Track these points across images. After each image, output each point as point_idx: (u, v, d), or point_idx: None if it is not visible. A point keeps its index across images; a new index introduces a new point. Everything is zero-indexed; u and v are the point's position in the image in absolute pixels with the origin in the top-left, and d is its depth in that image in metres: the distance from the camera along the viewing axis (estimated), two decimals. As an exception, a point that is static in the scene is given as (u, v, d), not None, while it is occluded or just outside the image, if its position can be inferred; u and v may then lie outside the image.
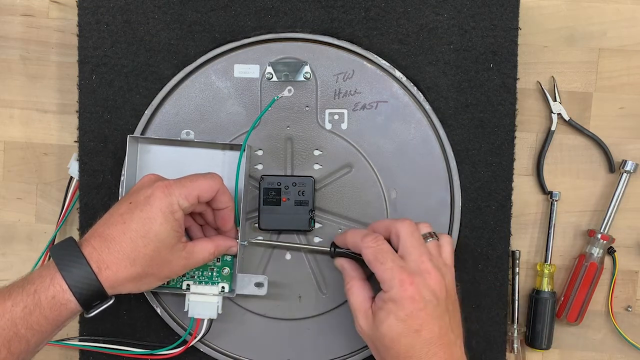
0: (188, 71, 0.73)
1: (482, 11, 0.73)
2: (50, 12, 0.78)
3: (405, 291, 0.61)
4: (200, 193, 0.64)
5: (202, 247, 0.66)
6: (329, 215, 0.73)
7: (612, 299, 0.76)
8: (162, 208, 0.61)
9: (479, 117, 0.73)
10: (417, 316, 0.60)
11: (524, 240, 0.77)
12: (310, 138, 0.73)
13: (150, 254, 0.61)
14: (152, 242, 0.61)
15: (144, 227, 0.61)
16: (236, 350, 0.74)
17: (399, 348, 0.61)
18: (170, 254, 0.63)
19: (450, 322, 0.62)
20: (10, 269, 0.79)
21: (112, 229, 0.61)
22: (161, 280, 0.64)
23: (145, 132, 0.73)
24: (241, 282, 0.71)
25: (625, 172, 0.75)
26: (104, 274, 0.60)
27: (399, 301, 0.61)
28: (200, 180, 0.64)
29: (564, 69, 0.77)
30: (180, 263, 0.64)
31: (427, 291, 0.61)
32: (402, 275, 0.61)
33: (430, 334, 0.60)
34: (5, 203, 0.79)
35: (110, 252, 0.60)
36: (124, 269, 0.60)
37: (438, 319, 0.61)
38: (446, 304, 0.63)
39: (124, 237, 0.60)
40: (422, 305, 0.61)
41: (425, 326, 0.60)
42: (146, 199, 0.62)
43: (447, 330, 0.62)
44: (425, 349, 0.60)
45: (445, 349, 0.61)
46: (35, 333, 0.59)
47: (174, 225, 0.62)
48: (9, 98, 0.79)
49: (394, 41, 0.73)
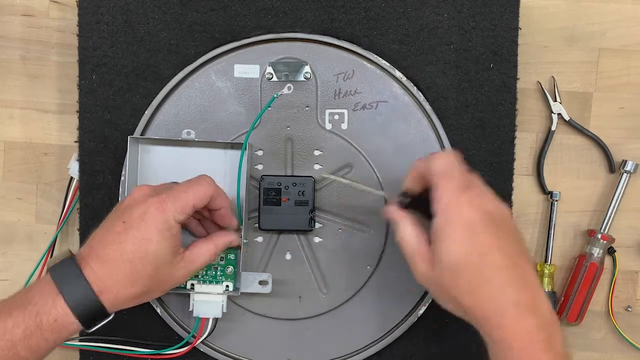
0: (188, 71, 0.73)
1: (482, 11, 0.73)
2: (50, 12, 0.78)
3: (464, 213, 0.57)
4: (196, 202, 0.63)
5: (200, 252, 0.65)
6: (329, 215, 0.73)
7: (612, 299, 0.76)
8: (157, 226, 0.60)
9: (479, 117, 0.73)
10: (478, 239, 0.56)
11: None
12: (310, 138, 0.73)
13: (150, 273, 0.60)
14: (151, 262, 0.60)
15: (141, 248, 0.60)
16: (236, 350, 0.74)
17: (467, 276, 0.56)
18: (170, 268, 0.62)
19: (518, 247, 0.58)
20: (10, 269, 0.79)
21: (109, 250, 0.60)
22: (164, 292, 0.64)
23: (145, 132, 0.73)
24: (245, 280, 0.71)
25: (625, 172, 0.75)
26: (105, 296, 0.59)
27: (458, 224, 0.57)
28: (193, 188, 0.63)
29: (564, 69, 0.77)
30: (180, 274, 0.63)
31: (485, 212, 0.57)
32: (461, 197, 0.57)
33: (497, 257, 0.56)
34: (5, 203, 0.79)
35: (110, 275, 0.59)
36: (125, 290, 0.60)
37: (503, 243, 0.57)
38: (508, 227, 0.58)
39: (122, 259, 0.59)
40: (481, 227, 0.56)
41: (490, 249, 0.56)
42: (141, 216, 0.60)
43: (517, 255, 0.57)
44: (497, 274, 0.56)
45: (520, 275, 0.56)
46: (34, 353, 0.58)
47: (171, 242, 0.61)
48: (9, 98, 0.79)
49: (394, 41, 0.73)
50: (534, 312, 0.55)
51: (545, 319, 0.56)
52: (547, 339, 0.55)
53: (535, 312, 0.55)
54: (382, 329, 0.73)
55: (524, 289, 0.56)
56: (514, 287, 0.56)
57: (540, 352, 0.54)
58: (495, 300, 0.56)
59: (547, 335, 0.55)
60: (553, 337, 0.55)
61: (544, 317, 0.56)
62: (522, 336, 0.55)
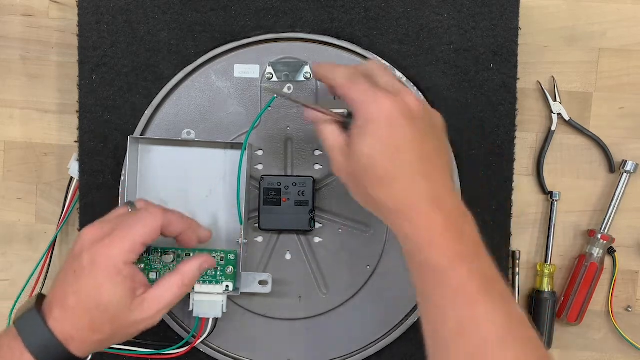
0: (188, 71, 0.73)
1: (482, 11, 0.73)
2: (50, 12, 0.78)
3: (380, 106, 0.55)
4: (144, 239, 0.60)
5: (166, 287, 0.61)
6: (329, 215, 0.73)
7: (612, 299, 0.76)
8: (107, 274, 0.58)
9: (479, 117, 0.73)
10: (394, 132, 0.55)
11: (524, 240, 0.77)
12: (310, 138, 0.73)
13: (110, 319, 0.58)
14: (107, 310, 0.58)
15: (95, 297, 0.57)
16: (236, 350, 0.74)
17: (378, 169, 0.55)
18: (129, 313, 0.59)
19: (436, 145, 0.57)
20: (10, 269, 0.79)
21: (69, 298, 0.58)
22: (132, 335, 0.61)
23: (145, 132, 0.73)
24: (245, 280, 0.71)
25: (625, 172, 0.75)
26: (73, 344, 0.57)
27: (377, 119, 0.55)
28: (139, 224, 0.60)
29: (564, 69, 0.77)
30: (146, 315, 0.60)
31: (403, 108, 0.56)
32: (378, 94, 0.56)
33: (411, 151, 0.55)
34: (5, 203, 0.79)
35: (72, 324, 0.58)
36: (88, 338, 0.58)
37: (419, 138, 0.56)
38: (427, 124, 0.57)
39: (80, 308, 0.58)
40: (399, 121, 0.55)
41: (406, 143, 0.55)
42: (89, 265, 0.58)
43: (433, 152, 0.56)
44: (409, 167, 0.55)
45: (433, 171, 0.56)
46: None
47: (124, 286, 0.58)
48: (9, 98, 0.79)
49: (394, 41, 0.73)
50: (443, 206, 0.55)
51: (455, 212, 0.55)
52: (456, 230, 0.54)
53: (444, 205, 0.55)
54: (382, 329, 0.73)
55: (435, 184, 0.55)
56: (425, 181, 0.55)
57: (449, 243, 0.54)
58: (406, 193, 0.55)
59: (457, 227, 0.54)
60: (463, 228, 0.55)
61: (454, 210, 0.55)
62: (431, 229, 0.54)
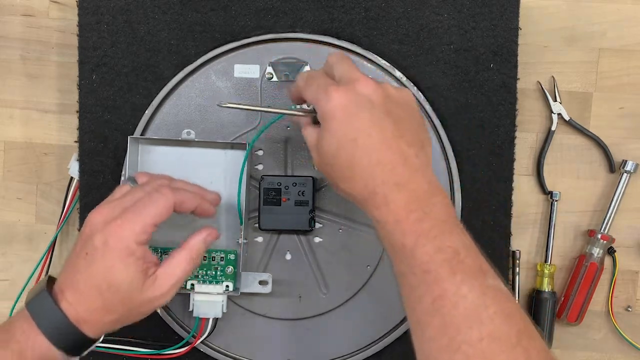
0: (188, 71, 0.73)
1: (482, 11, 0.73)
2: (50, 12, 0.78)
3: (332, 101, 0.55)
4: (155, 220, 0.60)
5: (175, 263, 0.61)
6: (329, 215, 0.73)
7: (612, 299, 0.76)
8: (119, 255, 0.58)
9: (479, 117, 0.73)
10: (350, 124, 0.55)
11: (524, 240, 0.77)
12: (310, 138, 0.73)
13: (122, 300, 0.58)
14: (119, 290, 0.58)
15: (107, 278, 0.58)
16: (236, 350, 0.74)
17: (340, 162, 0.56)
18: (142, 293, 0.59)
19: (396, 128, 0.56)
20: (10, 269, 0.79)
21: (80, 280, 0.58)
22: (146, 314, 0.61)
23: (145, 132, 0.73)
24: (245, 280, 0.71)
25: (625, 172, 0.75)
26: (85, 325, 0.58)
27: (329, 113, 0.56)
28: (152, 205, 0.60)
29: (564, 69, 0.77)
30: (159, 292, 0.60)
31: (357, 97, 0.56)
32: (329, 89, 0.56)
33: (368, 140, 0.55)
34: (5, 203, 0.79)
35: (84, 305, 0.58)
36: (101, 319, 0.58)
37: (377, 124, 0.55)
38: (386, 108, 0.56)
39: (92, 290, 0.58)
40: (354, 111, 0.55)
41: (362, 133, 0.55)
42: (101, 246, 0.58)
43: (392, 136, 0.55)
44: (366, 157, 0.55)
45: (392, 155, 0.55)
46: None
47: (136, 267, 0.59)
48: (9, 98, 0.79)
49: (394, 41, 0.73)
50: (405, 188, 0.55)
51: (420, 192, 0.55)
52: (420, 209, 0.54)
53: (406, 187, 0.55)
54: (382, 329, 0.73)
55: (397, 166, 0.55)
56: (383, 167, 0.55)
57: (413, 223, 0.54)
58: (367, 181, 0.55)
59: (420, 206, 0.54)
60: (429, 207, 0.54)
61: (417, 191, 0.55)
62: (394, 212, 0.54)
